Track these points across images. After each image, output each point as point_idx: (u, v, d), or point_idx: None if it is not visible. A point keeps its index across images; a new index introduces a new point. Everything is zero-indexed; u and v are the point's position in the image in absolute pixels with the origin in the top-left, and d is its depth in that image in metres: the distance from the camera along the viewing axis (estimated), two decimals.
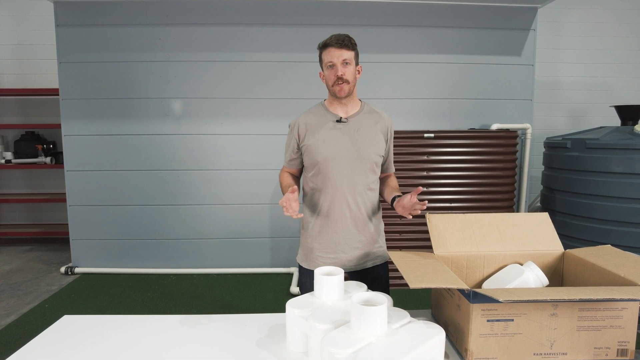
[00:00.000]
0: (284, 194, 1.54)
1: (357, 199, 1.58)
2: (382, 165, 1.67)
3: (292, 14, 3.50)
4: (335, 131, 1.57)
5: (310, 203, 1.65)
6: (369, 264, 1.64)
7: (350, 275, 1.68)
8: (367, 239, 1.62)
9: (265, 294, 3.24)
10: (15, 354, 1.14)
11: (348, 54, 1.51)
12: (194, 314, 1.39)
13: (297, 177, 1.71)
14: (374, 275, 1.66)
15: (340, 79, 1.51)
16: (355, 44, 1.55)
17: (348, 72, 1.52)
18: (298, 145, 1.62)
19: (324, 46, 1.55)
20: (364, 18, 3.51)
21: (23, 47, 4.44)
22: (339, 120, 1.58)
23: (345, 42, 1.50)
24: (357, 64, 1.58)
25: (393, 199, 1.55)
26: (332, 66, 1.53)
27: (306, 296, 1.26)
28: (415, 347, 0.98)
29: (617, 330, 1.05)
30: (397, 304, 1.68)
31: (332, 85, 1.55)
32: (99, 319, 1.37)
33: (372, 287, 1.63)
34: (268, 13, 3.49)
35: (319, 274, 1.23)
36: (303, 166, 1.67)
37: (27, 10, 4.38)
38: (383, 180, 1.71)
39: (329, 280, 1.21)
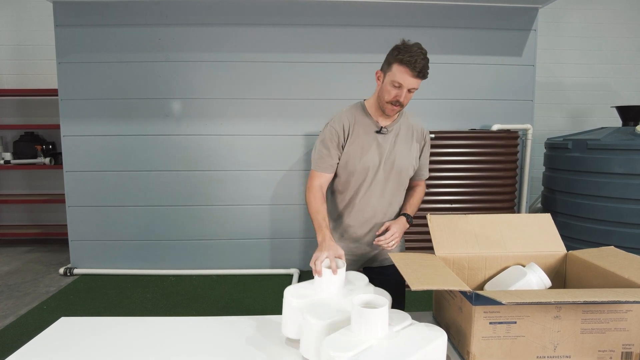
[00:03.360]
0: (314, 223, 1.46)
1: (386, 211, 1.59)
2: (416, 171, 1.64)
3: (292, 14, 3.49)
4: (373, 140, 1.52)
5: (335, 205, 1.63)
6: (388, 262, 1.64)
7: (368, 272, 1.67)
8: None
9: (265, 295, 3.22)
10: (11, 356, 1.12)
11: (419, 84, 1.44)
12: (193, 316, 1.38)
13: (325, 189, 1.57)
14: (393, 270, 1.65)
15: (398, 102, 1.45)
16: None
17: (407, 99, 1.47)
18: (342, 147, 1.53)
19: (401, 62, 1.39)
20: (364, 18, 3.50)
21: (22, 47, 4.43)
22: (379, 132, 1.53)
23: (424, 72, 1.40)
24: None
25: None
26: (399, 87, 1.43)
27: (306, 285, 1.24)
28: (417, 351, 0.97)
29: (622, 333, 1.04)
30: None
31: (387, 102, 1.47)
32: (97, 321, 1.35)
33: (389, 282, 1.62)
34: (268, 13, 3.48)
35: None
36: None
37: (26, 10, 4.37)
38: (410, 189, 1.67)
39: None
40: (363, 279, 1.28)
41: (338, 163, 1.55)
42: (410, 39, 1.46)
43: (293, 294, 1.17)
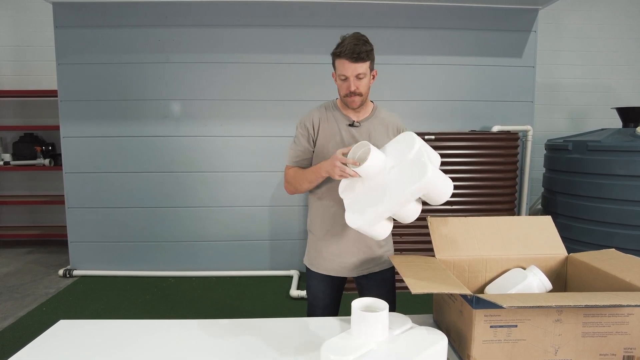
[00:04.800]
0: (309, 175, 1.48)
1: None
2: None
3: (292, 15, 3.48)
4: (347, 135, 1.53)
5: (317, 206, 1.62)
6: (377, 268, 1.62)
7: (357, 279, 1.66)
8: (375, 243, 1.60)
9: (264, 297, 3.22)
10: (10, 359, 1.12)
11: (362, 67, 1.42)
12: (193, 318, 1.37)
13: None
14: (381, 278, 1.64)
15: (352, 93, 1.46)
16: (371, 50, 1.44)
17: (361, 85, 1.46)
18: (313, 142, 1.55)
19: (337, 56, 1.43)
20: (364, 20, 3.50)
21: (22, 48, 4.43)
22: (352, 125, 1.54)
23: (361, 55, 1.39)
24: (372, 69, 1.50)
25: None
26: (345, 79, 1.45)
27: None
28: (417, 354, 0.96)
29: (623, 337, 1.03)
30: (398, 308, 1.66)
31: (344, 97, 1.49)
32: (96, 323, 1.35)
33: (378, 290, 1.62)
34: (268, 15, 3.48)
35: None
36: None
37: (26, 11, 4.37)
38: None
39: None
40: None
41: (311, 160, 1.58)
42: (411, 41, 1.48)
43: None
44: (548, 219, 1.43)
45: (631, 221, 2.81)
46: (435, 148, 3.42)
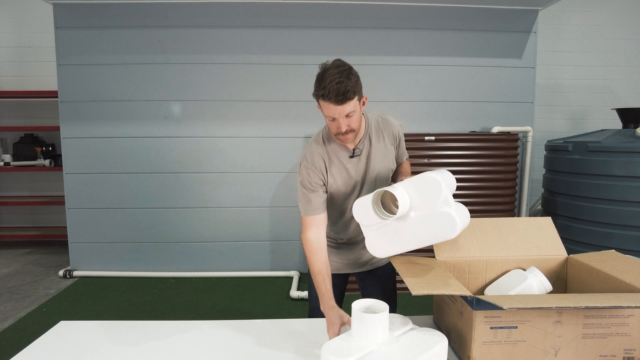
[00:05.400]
0: (315, 284, 1.34)
1: None
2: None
3: (292, 16, 3.49)
4: (350, 165, 1.45)
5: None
6: (378, 264, 1.64)
7: (358, 275, 1.68)
8: None
9: (265, 297, 3.22)
10: None
11: (350, 106, 1.27)
12: (193, 319, 1.37)
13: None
14: (383, 274, 1.66)
15: (344, 132, 1.33)
16: (356, 82, 1.28)
17: (353, 122, 1.32)
18: (325, 182, 1.43)
19: (321, 98, 1.28)
20: (365, 20, 3.50)
21: (22, 49, 4.43)
22: (352, 156, 1.44)
23: (346, 95, 1.24)
24: (360, 99, 1.33)
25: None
26: (333, 120, 1.31)
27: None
28: (417, 356, 0.96)
29: (623, 338, 1.03)
30: (399, 309, 1.66)
31: (336, 135, 1.36)
32: (96, 324, 1.35)
33: (379, 285, 1.63)
34: (268, 15, 3.48)
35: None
36: None
37: (27, 12, 4.38)
38: (396, 168, 1.62)
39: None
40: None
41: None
42: (411, 42, 1.42)
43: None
44: (548, 220, 1.43)
45: (631, 222, 2.81)
46: (435, 149, 3.45)
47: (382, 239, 1.24)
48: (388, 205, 1.26)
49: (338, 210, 1.52)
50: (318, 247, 1.38)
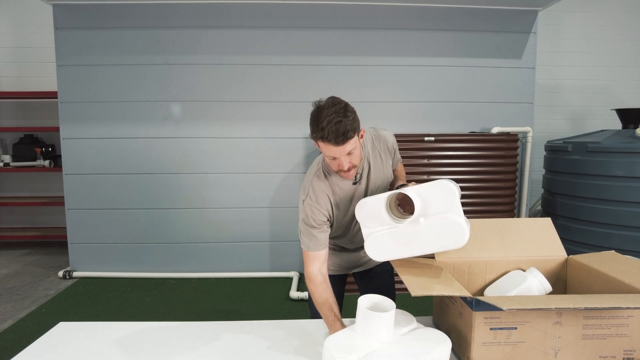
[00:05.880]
0: (322, 315, 1.30)
1: None
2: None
3: (292, 16, 3.49)
4: (354, 192, 1.43)
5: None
6: (376, 262, 1.65)
7: (356, 273, 1.70)
8: None
9: (264, 298, 3.22)
10: None
11: (351, 145, 1.23)
12: (193, 319, 1.37)
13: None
14: (382, 270, 1.67)
15: (347, 169, 1.29)
16: (354, 119, 1.23)
17: (354, 158, 1.28)
18: (331, 217, 1.42)
19: (320, 140, 1.23)
20: (365, 21, 3.50)
21: (22, 49, 4.43)
22: (355, 182, 1.42)
23: (346, 135, 1.20)
24: (359, 132, 1.29)
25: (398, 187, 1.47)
26: (334, 159, 1.27)
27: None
28: (420, 357, 0.96)
29: (623, 339, 1.03)
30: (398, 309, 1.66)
31: (337, 172, 1.33)
32: (96, 325, 1.35)
33: (378, 281, 1.65)
34: (268, 16, 3.48)
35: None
36: None
37: (26, 13, 4.38)
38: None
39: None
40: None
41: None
42: (411, 42, 1.40)
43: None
44: (548, 220, 1.43)
45: (631, 222, 2.81)
46: (435, 149, 3.44)
47: (384, 244, 1.23)
48: (393, 207, 1.26)
49: (342, 231, 1.51)
50: (322, 279, 1.35)
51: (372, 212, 1.24)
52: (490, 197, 3.39)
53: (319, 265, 1.36)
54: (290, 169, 3.63)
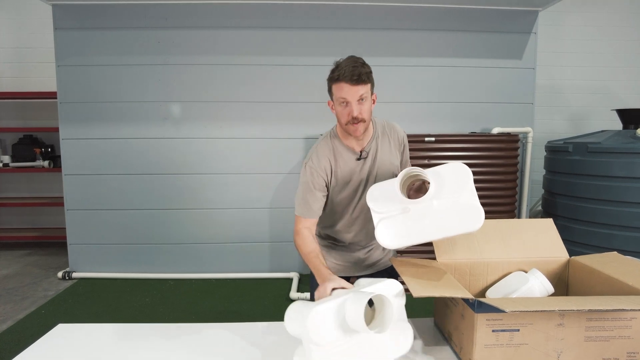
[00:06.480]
0: (309, 265, 1.32)
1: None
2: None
3: (292, 17, 3.48)
4: (356, 168, 1.44)
5: (324, 225, 1.59)
6: (381, 268, 1.64)
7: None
8: (377, 247, 1.61)
9: (264, 299, 3.21)
10: None
11: (364, 89, 1.30)
12: (193, 320, 1.36)
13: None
14: (385, 274, 1.65)
15: (355, 119, 1.32)
16: (371, 72, 1.33)
17: (364, 110, 1.33)
18: (328, 184, 1.44)
19: (335, 80, 1.32)
20: (365, 21, 3.50)
21: (21, 50, 4.43)
22: (360, 158, 1.44)
23: (361, 76, 1.28)
24: (372, 93, 1.38)
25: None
26: (346, 104, 1.32)
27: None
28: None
29: (626, 341, 1.02)
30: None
31: (346, 124, 1.36)
32: (95, 327, 1.34)
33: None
34: (268, 16, 3.47)
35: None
36: None
37: (26, 13, 4.37)
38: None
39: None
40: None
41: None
42: (411, 42, 1.42)
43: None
44: (549, 221, 1.42)
45: (631, 223, 2.81)
46: (436, 150, 3.43)
47: (396, 229, 1.19)
48: (404, 192, 1.23)
49: (340, 212, 1.51)
50: (309, 234, 1.40)
51: (385, 194, 1.22)
52: (490, 198, 3.38)
53: (307, 225, 1.41)
54: (290, 170, 3.62)
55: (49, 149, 4.44)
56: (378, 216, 1.23)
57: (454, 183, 1.14)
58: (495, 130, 3.53)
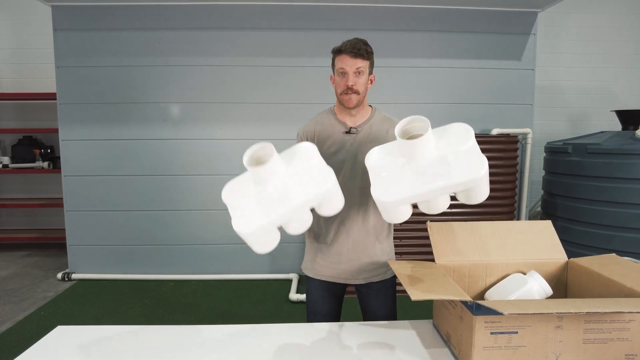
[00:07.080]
0: None
1: (368, 212, 1.52)
2: None
3: (292, 18, 3.48)
4: (345, 142, 1.50)
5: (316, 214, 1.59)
6: (377, 278, 1.58)
7: (357, 287, 1.63)
8: (375, 249, 1.58)
9: (264, 300, 3.21)
10: None
11: (362, 63, 1.44)
12: (192, 322, 1.36)
13: None
14: (382, 287, 1.61)
15: (349, 89, 1.45)
16: (372, 52, 1.48)
17: (359, 83, 1.46)
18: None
19: (337, 52, 1.46)
20: (363, 22, 3.50)
21: (21, 51, 4.43)
22: (349, 132, 1.51)
23: (361, 50, 1.42)
24: (370, 72, 1.51)
25: None
26: (344, 74, 1.45)
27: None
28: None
29: (624, 343, 1.02)
30: (398, 312, 1.65)
31: (340, 94, 1.48)
32: (94, 329, 1.34)
33: (378, 299, 1.60)
34: (268, 17, 3.48)
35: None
36: None
37: (25, 14, 4.37)
38: None
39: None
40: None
41: None
42: (410, 44, 1.45)
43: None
44: (548, 223, 1.42)
45: (631, 224, 2.81)
46: None
47: (394, 178, 1.14)
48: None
49: None
50: None
51: (384, 150, 1.21)
52: (490, 199, 3.34)
53: None
54: None
55: (49, 150, 4.44)
56: (374, 173, 1.19)
57: (456, 137, 1.13)
58: (495, 131, 3.54)
